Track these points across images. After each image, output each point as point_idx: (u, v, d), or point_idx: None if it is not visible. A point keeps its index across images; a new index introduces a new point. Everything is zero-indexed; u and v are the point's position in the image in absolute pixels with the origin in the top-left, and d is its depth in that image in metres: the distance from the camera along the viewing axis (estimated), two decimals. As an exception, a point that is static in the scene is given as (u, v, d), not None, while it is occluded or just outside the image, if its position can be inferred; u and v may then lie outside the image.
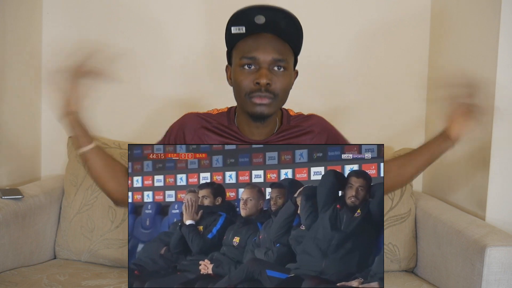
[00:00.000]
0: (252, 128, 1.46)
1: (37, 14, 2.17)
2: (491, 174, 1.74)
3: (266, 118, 1.41)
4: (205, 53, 2.20)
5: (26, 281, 1.68)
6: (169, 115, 2.08)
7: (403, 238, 1.95)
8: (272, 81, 1.35)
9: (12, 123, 2.02)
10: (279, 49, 1.36)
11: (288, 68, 1.39)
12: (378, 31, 2.22)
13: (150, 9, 2.20)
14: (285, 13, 1.36)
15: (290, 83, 1.41)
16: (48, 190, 1.98)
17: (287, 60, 1.37)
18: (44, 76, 2.21)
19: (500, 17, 1.68)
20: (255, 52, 1.35)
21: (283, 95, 1.40)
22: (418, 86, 2.24)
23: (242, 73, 1.36)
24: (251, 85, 1.35)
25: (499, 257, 1.49)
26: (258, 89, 1.34)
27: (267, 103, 1.36)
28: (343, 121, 2.19)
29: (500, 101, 1.71)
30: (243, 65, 1.36)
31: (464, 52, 1.95)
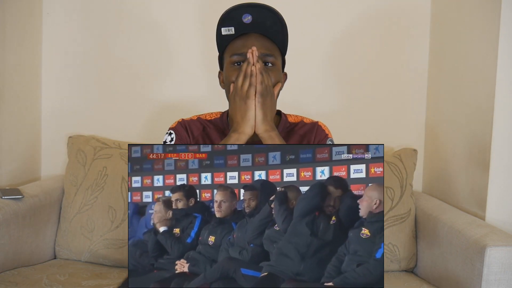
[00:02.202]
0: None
1: (37, 14, 2.17)
2: (491, 174, 1.74)
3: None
4: (204, 57, 2.20)
5: (26, 281, 1.68)
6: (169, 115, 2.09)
7: (403, 238, 1.95)
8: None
9: (12, 123, 2.02)
10: (267, 46, 1.42)
11: (276, 65, 1.43)
12: (378, 31, 2.22)
13: (150, 9, 2.20)
14: (270, 10, 1.42)
15: (279, 79, 1.44)
16: (48, 190, 1.98)
17: (275, 56, 1.42)
18: (44, 76, 2.21)
19: (500, 17, 1.68)
20: (244, 49, 1.39)
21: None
22: (418, 86, 2.24)
23: (233, 70, 1.41)
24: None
25: (499, 257, 1.49)
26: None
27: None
28: (343, 121, 2.19)
29: (500, 101, 1.71)
30: (233, 63, 1.41)
31: (464, 52, 1.95)
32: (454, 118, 2.01)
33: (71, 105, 2.22)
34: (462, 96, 1.95)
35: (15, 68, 2.02)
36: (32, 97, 2.17)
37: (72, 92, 2.22)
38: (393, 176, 2.00)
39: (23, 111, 2.10)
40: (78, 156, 2.04)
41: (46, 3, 2.19)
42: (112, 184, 1.98)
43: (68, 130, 2.19)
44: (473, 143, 1.85)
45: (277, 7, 1.47)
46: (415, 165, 2.06)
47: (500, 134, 1.72)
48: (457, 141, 1.97)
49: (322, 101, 2.22)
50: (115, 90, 2.23)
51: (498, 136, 1.72)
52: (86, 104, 2.23)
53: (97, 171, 2.01)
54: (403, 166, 2.03)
